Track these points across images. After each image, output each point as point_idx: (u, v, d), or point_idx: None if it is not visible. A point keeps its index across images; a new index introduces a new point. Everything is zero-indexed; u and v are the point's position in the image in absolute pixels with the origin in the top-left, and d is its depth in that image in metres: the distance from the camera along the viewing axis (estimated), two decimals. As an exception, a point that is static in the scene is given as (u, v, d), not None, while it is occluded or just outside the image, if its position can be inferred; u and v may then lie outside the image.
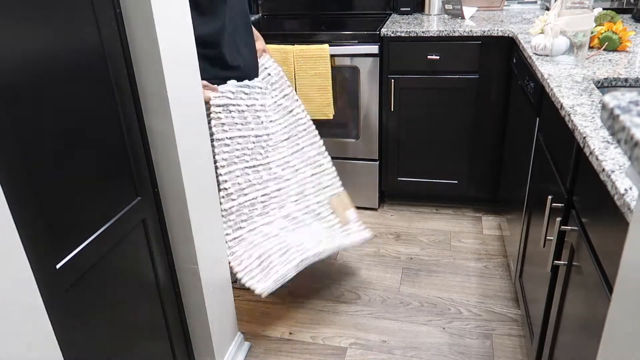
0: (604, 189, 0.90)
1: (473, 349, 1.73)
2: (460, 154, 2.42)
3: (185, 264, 1.38)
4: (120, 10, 1.07)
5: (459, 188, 2.49)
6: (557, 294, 1.25)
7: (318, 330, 1.85)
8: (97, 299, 1.07)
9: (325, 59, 2.27)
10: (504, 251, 2.24)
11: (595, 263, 0.97)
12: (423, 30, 2.23)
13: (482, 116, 2.32)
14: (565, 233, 1.19)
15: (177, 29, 1.19)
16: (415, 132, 2.41)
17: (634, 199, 0.78)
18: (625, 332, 0.55)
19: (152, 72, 1.14)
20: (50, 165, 0.91)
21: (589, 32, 1.57)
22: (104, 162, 1.06)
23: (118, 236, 1.12)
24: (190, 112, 1.28)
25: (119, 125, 1.10)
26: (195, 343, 1.51)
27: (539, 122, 1.57)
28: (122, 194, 1.13)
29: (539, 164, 1.54)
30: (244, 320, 1.91)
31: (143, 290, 1.25)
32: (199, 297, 1.43)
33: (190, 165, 1.29)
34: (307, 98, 2.33)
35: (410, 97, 2.34)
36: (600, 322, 0.92)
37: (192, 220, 1.32)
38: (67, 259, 0.96)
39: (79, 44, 0.97)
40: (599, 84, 1.42)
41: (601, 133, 1.04)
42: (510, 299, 1.95)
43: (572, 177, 1.17)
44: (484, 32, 2.15)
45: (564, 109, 1.21)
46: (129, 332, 1.19)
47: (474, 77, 2.25)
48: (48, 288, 0.90)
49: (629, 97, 0.54)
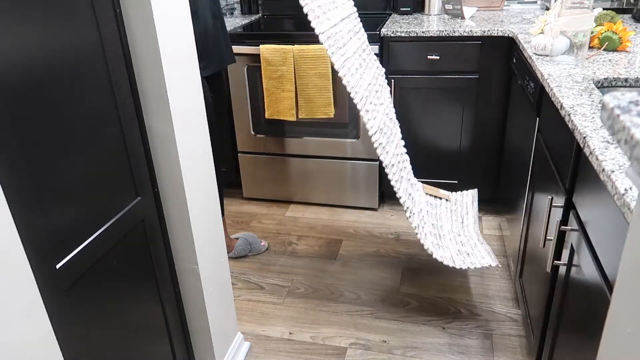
0: (604, 189, 0.90)
1: (473, 349, 1.73)
2: (460, 154, 2.42)
3: (185, 264, 1.38)
4: (120, 10, 1.07)
5: (459, 188, 2.49)
6: (557, 294, 1.25)
7: (318, 330, 1.85)
8: (97, 299, 1.07)
9: (325, 59, 2.27)
10: (504, 251, 2.24)
11: (595, 263, 0.97)
12: (423, 30, 2.23)
13: (482, 116, 2.32)
14: (565, 233, 1.19)
15: (177, 29, 1.19)
16: (415, 132, 2.41)
17: (634, 199, 0.78)
18: (625, 332, 0.55)
19: (152, 72, 1.14)
20: (50, 165, 0.91)
21: (589, 32, 1.57)
22: (103, 162, 1.06)
23: (118, 236, 1.12)
24: (190, 112, 1.28)
25: (119, 125, 1.10)
26: (195, 343, 1.51)
27: (539, 122, 1.57)
28: (122, 194, 1.13)
29: (539, 164, 1.54)
30: (244, 320, 1.91)
31: (143, 290, 1.25)
32: (199, 297, 1.43)
33: (190, 165, 1.29)
34: (307, 98, 2.33)
35: (410, 97, 2.34)
36: (600, 322, 0.92)
37: (192, 220, 1.32)
38: (67, 259, 0.96)
39: (78, 44, 0.97)
40: (599, 84, 1.42)
41: (601, 133, 1.04)
42: (510, 299, 1.95)
43: (572, 177, 1.17)
44: (484, 32, 2.15)
45: (564, 109, 1.21)
46: (129, 332, 1.19)
47: (474, 77, 2.25)
48: (48, 288, 0.90)
49: (629, 97, 0.54)
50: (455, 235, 1.98)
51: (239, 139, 2.61)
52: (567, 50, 1.62)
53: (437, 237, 1.89)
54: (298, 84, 2.34)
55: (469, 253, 1.85)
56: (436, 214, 2.09)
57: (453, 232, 2.00)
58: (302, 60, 2.29)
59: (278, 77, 2.35)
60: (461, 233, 2.00)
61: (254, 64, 2.41)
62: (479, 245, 1.91)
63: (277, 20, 2.79)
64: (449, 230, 2.01)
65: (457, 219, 2.09)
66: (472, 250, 1.87)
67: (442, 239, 1.91)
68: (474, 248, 1.89)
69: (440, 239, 1.90)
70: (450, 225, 2.04)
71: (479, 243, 1.93)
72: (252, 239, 2.31)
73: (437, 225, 2.00)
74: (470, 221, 2.09)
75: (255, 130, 2.56)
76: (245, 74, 2.45)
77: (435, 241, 1.85)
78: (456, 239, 1.95)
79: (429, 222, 1.94)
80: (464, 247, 1.89)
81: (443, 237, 1.93)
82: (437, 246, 1.82)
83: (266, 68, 2.34)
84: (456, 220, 2.08)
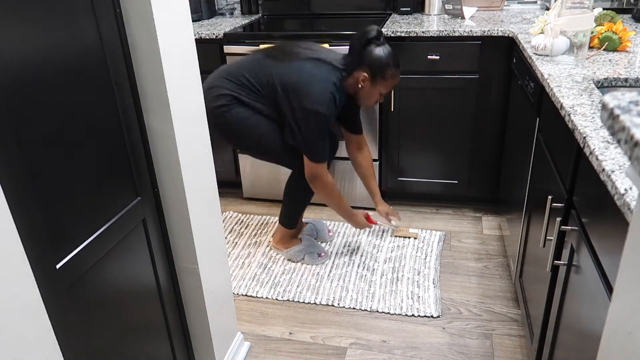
0: (604, 189, 0.90)
1: (473, 349, 1.73)
2: (460, 154, 2.42)
3: (185, 264, 1.38)
4: (120, 10, 1.07)
5: (459, 188, 2.49)
6: (557, 294, 1.25)
7: (318, 330, 1.85)
8: (97, 299, 1.07)
9: (325, 59, 2.27)
10: (504, 251, 2.24)
11: (595, 263, 0.97)
12: (423, 30, 2.23)
13: (482, 116, 2.32)
14: (565, 233, 1.19)
15: (177, 29, 1.19)
16: (415, 132, 2.41)
17: (634, 199, 0.78)
18: (625, 332, 0.55)
19: (152, 72, 1.14)
20: (50, 165, 0.91)
21: (589, 32, 1.57)
22: (103, 162, 1.06)
23: (118, 236, 1.12)
24: (190, 112, 1.28)
25: (119, 125, 1.10)
26: (195, 343, 1.51)
27: (539, 122, 1.57)
28: (122, 194, 1.13)
29: (539, 164, 1.54)
30: (244, 320, 1.91)
31: (143, 290, 1.25)
32: (199, 297, 1.43)
33: (190, 165, 1.29)
34: (307, 98, 2.33)
35: (410, 97, 2.34)
36: (600, 322, 0.92)
37: (192, 220, 1.32)
38: (67, 259, 0.96)
39: (79, 44, 0.97)
40: (599, 84, 1.42)
41: (601, 133, 1.04)
42: (510, 299, 1.95)
43: (572, 177, 1.17)
44: (484, 32, 2.15)
45: (564, 109, 1.21)
46: (129, 332, 1.19)
47: (474, 77, 2.25)
48: (48, 288, 0.90)
49: (629, 97, 0.54)
50: (415, 274, 2.10)
51: (239, 139, 2.61)
52: (567, 50, 1.63)
53: (393, 283, 2.06)
54: (298, 84, 2.34)
55: (420, 297, 1.98)
56: (401, 254, 2.24)
57: (414, 270, 2.12)
58: (302, 60, 2.29)
59: (278, 77, 2.35)
60: (421, 271, 2.11)
61: (254, 64, 2.41)
62: (432, 289, 2.01)
63: (277, 20, 2.79)
64: (411, 267, 2.14)
65: (421, 255, 2.22)
66: (424, 294, 1.99)
67: (399, 282, 2.06)
68: (427, 291, 2.00)
69: (397, 282, 2.06)
70: (413, 261, 2.18)
71: (432, 286, 2.03)
72: (320, 226, 2.35)
73: (397, 267, 2.15)
74: (433, 258, 2.20)
75: (255, 130, 2.56)
76: (245, 74, 2.44)
77: (390, 288, 2.03)
78: (414, 278, 2.08)
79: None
80: (417, 289, 2.01)
81: (401, 279, 2.08)
82: (390, 292, 2.01)
83: (266, 68, 2.34)
84: (420, 257, 2.21)
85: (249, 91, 1.88)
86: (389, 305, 1.94)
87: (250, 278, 2.13)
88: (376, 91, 1.91)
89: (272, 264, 2.21)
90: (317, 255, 2.21)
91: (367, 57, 1.84)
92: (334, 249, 2.29)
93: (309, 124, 1.82)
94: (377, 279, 2.08)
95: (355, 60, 1.86)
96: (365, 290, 2.02)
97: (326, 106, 1.81)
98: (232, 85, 1.89)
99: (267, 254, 2.29)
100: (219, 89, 1.89)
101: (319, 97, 1.81)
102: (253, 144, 1.97)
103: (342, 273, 2.13)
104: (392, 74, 1.88)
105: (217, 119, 1.89)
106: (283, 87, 1.84)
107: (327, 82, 1.82)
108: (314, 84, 1.81)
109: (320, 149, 1.89)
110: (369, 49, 1.84)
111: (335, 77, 1.84)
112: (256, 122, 1.90)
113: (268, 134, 1.92)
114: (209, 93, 1.89)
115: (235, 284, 2.09)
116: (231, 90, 1.88)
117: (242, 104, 1.89)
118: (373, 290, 2.02)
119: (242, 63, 1.95)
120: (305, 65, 1.85)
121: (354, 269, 2.15)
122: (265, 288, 2.07)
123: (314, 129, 1.84)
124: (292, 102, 1.82)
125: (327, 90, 1.81)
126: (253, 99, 1.89)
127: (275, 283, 2.09)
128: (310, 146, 1.88)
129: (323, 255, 2.22)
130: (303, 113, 1.81)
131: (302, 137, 1.85)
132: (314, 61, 1.87)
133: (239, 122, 1.89)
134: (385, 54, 1.85)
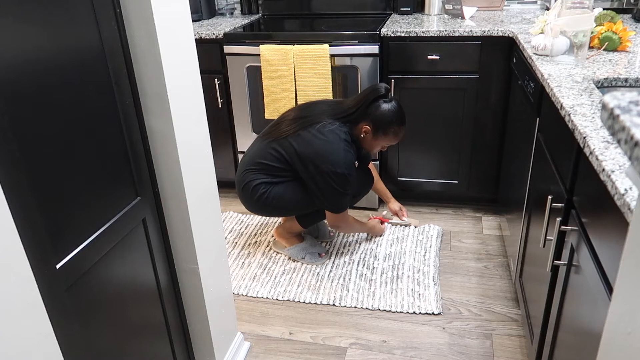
0: (604, 189, 0.90)
1: (473, 349, 1.73)
2: (460, 154, 2.42)
3: (185, 264, 1.38)
4: (120, 10, 1.07)
5: (459, 188, 2.49)
6: (557, 294, 1.25)
7: (318, 330, 1.85)
8: (97, 299, 1.07)
9: (325, 59, 2.27)
10: (504, 251, 2.24)
11: (595, 263, 0.97)
12: (423, 30, 2.23)
13: (482, 116, 2.32)
14: (565, 233, 1.19)
15: (177, 29, 1.19)
16: (416, 132, 2.41)
17: (634, 199, 0.78)
18: (625, 332, 0.55)
19: (152, 72, 1.14)
20: (50, 165, 0.91)
21: (589, 32, 1.57)
22: (104, 162, 1.06)
23: (118, 236, 1.12)
24: (190, 112, 1.28)
25: (119, 125, 1.10)
26: (195, 343, 1.51)
27: (539, 122, 1.57)
28: (122, 194, 1.13)
29: (539, 164, 1.54)
30: (244, 320, 1.91)
31: (143, 290, 1.25)
32: (199, 297, 1.43)
33: (190, 165, 1.29)
34: (307, 98, 2.33)
35: (410, 97, 2.34)
36: (600, 322, 0.92)
37: (192, 220, 1.32)
38: (67, 259, 0.96)
39: (79, 44, 0.97)
40: (599, 84, 1.42)
41: (601, 133, 1.04)
42: (510, 299, 1.95)
43: (572, 177, 1.17)
44: (484, 32, 2.15)
45: (564, 109, 1.21)
46: (129, 332, 1.19)
47: (474, 77, 2.25)
48: (48, 288, 0.90)
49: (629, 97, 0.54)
50: (415, 272, 2.11)
51: (239, 139, 2.61)
52: (567, 50, 1.63)
53: (394, 281, 2.07)
54: (298, 84, 2.34)
55: (420, 294, 1.98)
56: (401, 249, 2.25)
57: (413, 268, 2.13)
58: (302, 60, 2.29)
59: (278, 77, 2.35)
60: (420, 269, 2.12)
61: (254, 64, 2.41)
62: (432, 287, 2.02)
63: (277, 20, 2.79)
64: (410, 265, 2.15)
65: (421, 251, 2.23)
66: (425, 291, 2.00)
67: (399, 280, 2.07)
68: (427, 289, 2.01)
69: (397, 280, 2.07)
70: (412, 259, 2.18)
71: (432, 284, 2.03)
72: (322, 226, 2.38)
73: (397, 265, 2.15)
74: (432, 255, 2.21)
75: (255, 130, 2.56)
76: (245, 74, 2.45)
77: (391, 287, 2.04)
78: (414, 276, 2.09)
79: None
80: (418, 287, 2.02)
81: (401, 277, 2.08)
82: (390, 290, 2.02)
83: (266, 68, 2.35)
84: (419, 253, 2.22)
85: (273, 169, 2.02)
86: (390, 303, 1.94)
87: (251, 278, 2.13)
88: (377, 143, 2.03)
89: (272, 264, 2.21)
90: (318, 255, 2.21)
91: (372, 112, 1.95)
92: (334, 249, 2.29)
93: (329, 185, 1.94)
94: (377, 278, 2.08)
95: (361, 113, 1.96)
96: (365, 289, 2.03)
97: (343, 164, 1.92)
98: (258, 174, 2.03)
99: (267, 254, 2.29)
100: (250, 182, 2.03)
101: (335, 159, 1.91)
102: (293, 209, 2.10)
103: (342, 272, 2.13)
104: (394, 131, 1.99)
105: (263, 207, 2.06)
106: (300, 159, 1.95)
107: (338, 142, 1.92)
108: (326, 148, 1.92)
109: (342, 204, 2.02)
110: (375, 105, 1.95)
111: (343, 132, 1.95)
112: (292, 194, 2.03)
113: (302, 197, 2.04)
114: (246, 190, 2.04)
115: (236, 284, 2.09)
116: (261, 178, 2.02)
117: (275, 184, 2.03)
118: (374, 288, 2.02)
119: (252, 153, 2.07)
120: (312, 131, 1.95)
121: (354, 267, 2.15)
122: (265, 288, 2.07)
123: (336, 189, 1.95)
124: (310, 170, 1.95)
125: (340, 149, 1.92)
126: (281, 174, 2.02)
127: (276, 283, 2.09)
128: (332, 203, 2.01)
129: (324, 255, 2.23)
130: (322, 177, 1.93)
131: (324, 198, 1.99)
132: (318, 126, 1.95)
133: (280, 201, 2.03)
134: (390, 112, 1.96)
